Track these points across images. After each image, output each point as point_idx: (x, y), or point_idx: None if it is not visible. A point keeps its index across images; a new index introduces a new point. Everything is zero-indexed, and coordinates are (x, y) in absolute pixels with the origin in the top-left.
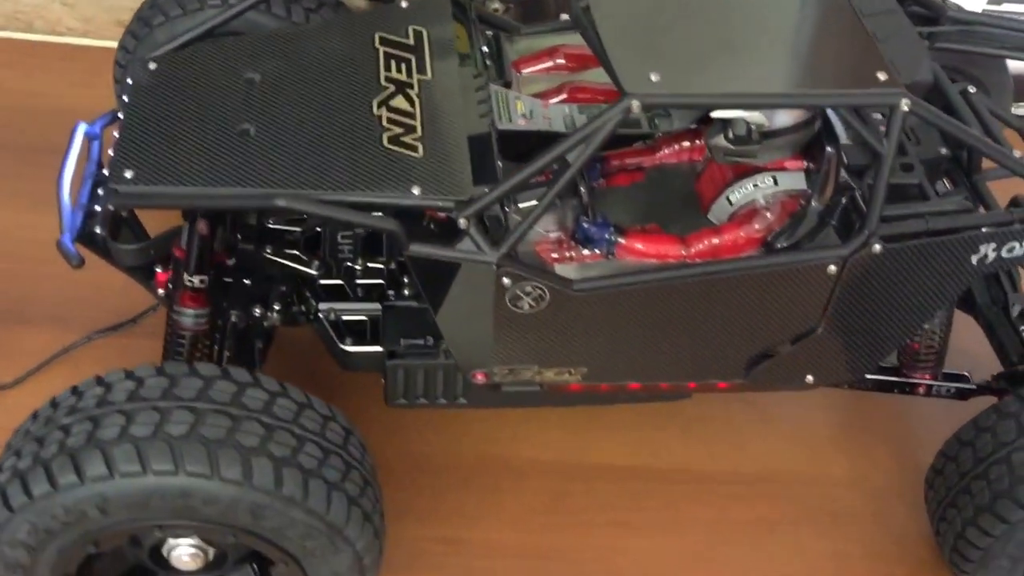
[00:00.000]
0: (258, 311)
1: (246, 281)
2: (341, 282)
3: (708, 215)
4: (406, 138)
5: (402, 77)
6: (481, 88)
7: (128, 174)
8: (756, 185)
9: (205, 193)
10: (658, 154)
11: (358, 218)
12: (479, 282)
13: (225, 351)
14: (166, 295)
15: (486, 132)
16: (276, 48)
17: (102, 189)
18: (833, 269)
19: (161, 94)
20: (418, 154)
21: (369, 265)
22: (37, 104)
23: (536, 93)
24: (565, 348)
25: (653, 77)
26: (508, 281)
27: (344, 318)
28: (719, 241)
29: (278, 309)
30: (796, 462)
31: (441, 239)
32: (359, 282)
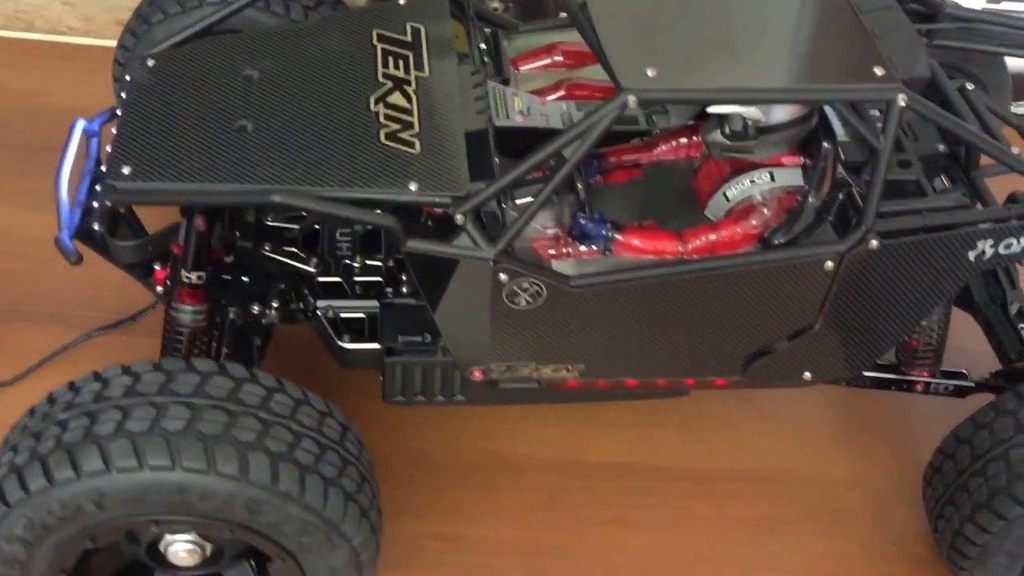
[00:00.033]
0: (256, 308)
1: (244, 278)
2: (339, 279)
3: (705, 211)
4: (403, 134)
5: (400, 74)
6: (479, 85)
7: (126, 170)
8: (753, 181)
9: (203, 189)
10: (655, 150)
11: (355, 214)
12: (476, 278)
13: (223, 348)
14: (164, 292)
15: (483, 129)
16: (274, 45)
17: (100, 186)
18: (830, 265)
19: (159, 91)
20: (415, 150)
21: (367, 262)
22: (37, 103)
23: (534, 90)
24: (562, 345)
25: (649, 73)
26: (505, 277)
27: (342, 315)
28: (716, 237)
29: (276, 306)
30: (794, 460)
31: (438, 235)
32: (357, 279)
